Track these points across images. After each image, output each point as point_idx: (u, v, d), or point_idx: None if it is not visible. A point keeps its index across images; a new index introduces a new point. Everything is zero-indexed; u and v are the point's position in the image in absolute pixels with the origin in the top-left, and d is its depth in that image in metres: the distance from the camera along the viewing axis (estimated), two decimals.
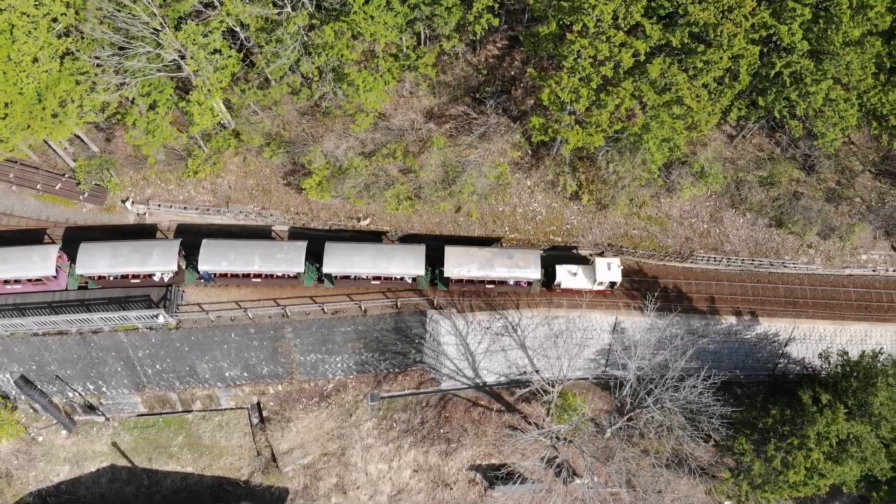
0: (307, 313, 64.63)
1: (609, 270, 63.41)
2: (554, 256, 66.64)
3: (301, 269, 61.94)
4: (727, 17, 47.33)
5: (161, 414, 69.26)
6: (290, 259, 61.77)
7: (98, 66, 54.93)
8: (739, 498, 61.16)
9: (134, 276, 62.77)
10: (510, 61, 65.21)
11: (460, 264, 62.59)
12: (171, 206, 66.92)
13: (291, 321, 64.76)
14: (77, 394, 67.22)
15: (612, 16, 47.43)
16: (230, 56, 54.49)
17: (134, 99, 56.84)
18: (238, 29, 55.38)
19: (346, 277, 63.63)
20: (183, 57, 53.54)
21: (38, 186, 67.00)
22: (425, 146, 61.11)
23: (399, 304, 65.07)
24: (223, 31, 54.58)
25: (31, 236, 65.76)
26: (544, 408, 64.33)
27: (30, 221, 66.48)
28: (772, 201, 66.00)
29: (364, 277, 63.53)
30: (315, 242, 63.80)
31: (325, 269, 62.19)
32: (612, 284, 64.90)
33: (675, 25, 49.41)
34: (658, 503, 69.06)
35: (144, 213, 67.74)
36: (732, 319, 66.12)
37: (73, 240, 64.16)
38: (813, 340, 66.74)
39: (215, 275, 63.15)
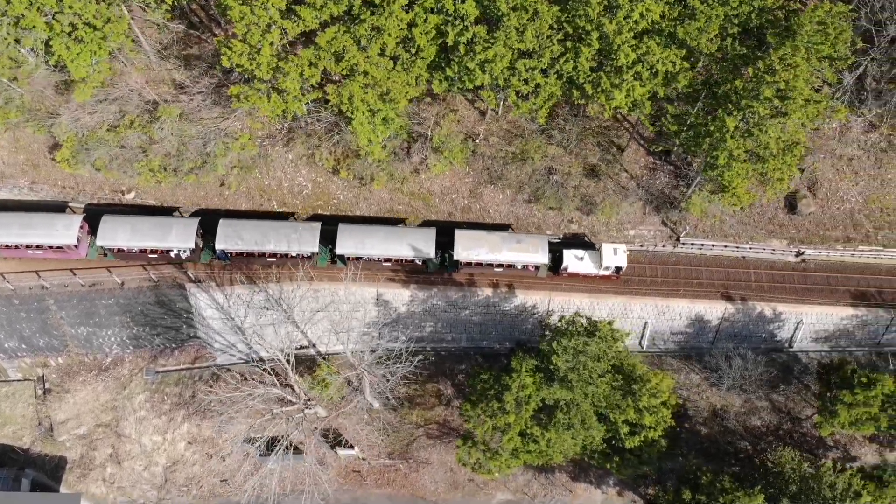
0: (66, 285, 66.06)
1: (615, 255, 64.24)
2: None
3: (315, 249, 63.52)
4: None
5: None
6: (304, 239, 63.31)
7: None
8: (472, 465, 61.59)
9: (152, 251, 64.74)
10: None
11: (469, 248, 63.49)
12: None
13: (52, 293, 66.26)
14: None
15: None
16: None
17: None
18: None
19: (359, 258, 64.69)
20: None
21: None
22: (155, 116, 62.60)
23: (155, 277, 66.31)
24: None
25: None
26: (295, 378, 65.29)
27: None
28: (528, 177, 66.45)
29: (376, 259, 64.62)
30: None
31: (339, 251, 63.62)
32: (618, 269, 65.42)
33: None
34: (430, 475, 70.13)
35: None
36: (489, 292, 66.72)
37: None
38: (570, 313, 66.94)
39: (231, 254, 64.83)
